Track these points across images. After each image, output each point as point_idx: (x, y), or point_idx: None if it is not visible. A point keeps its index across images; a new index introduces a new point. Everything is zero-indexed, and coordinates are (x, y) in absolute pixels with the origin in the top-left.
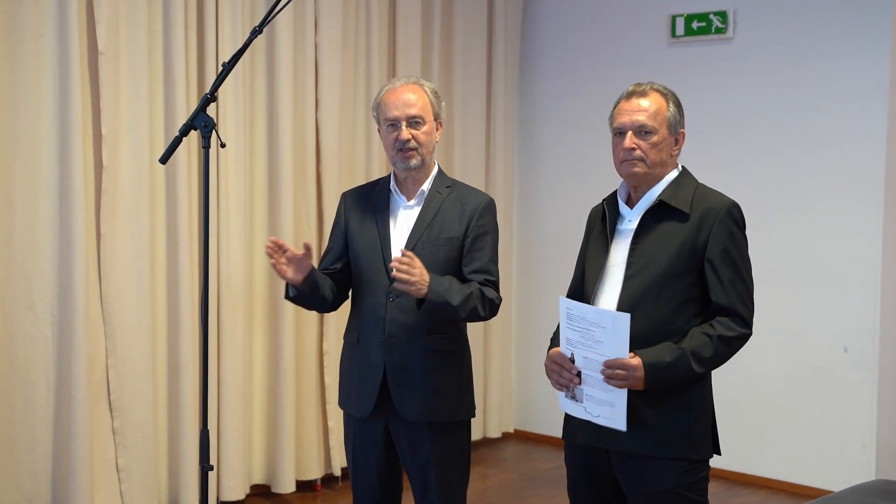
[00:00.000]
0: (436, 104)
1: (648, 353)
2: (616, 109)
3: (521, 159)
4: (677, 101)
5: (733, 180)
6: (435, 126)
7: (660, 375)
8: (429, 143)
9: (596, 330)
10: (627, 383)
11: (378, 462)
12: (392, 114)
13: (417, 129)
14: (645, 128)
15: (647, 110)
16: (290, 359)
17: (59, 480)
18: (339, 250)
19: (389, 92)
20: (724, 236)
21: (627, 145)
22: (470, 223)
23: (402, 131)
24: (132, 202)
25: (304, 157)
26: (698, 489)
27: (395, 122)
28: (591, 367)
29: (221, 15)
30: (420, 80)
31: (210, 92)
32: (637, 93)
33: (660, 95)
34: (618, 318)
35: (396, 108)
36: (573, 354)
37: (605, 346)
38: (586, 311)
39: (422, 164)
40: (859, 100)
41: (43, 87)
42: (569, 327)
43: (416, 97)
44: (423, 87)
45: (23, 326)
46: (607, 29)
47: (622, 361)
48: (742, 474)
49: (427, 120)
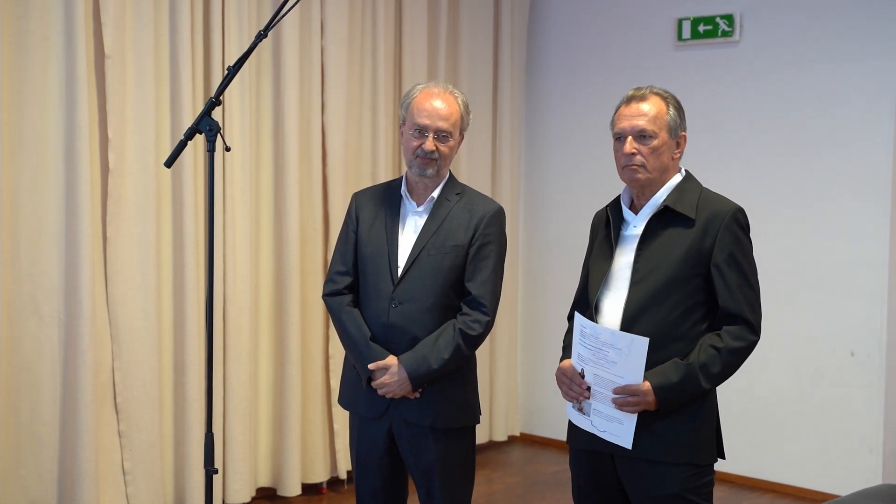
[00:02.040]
0: (465, 118)
1: (657, 375)
2: (616, 114)
3: (527, 163)
4: (678, 105)
5: (740, 183)
6: (459, 140)
7: (669, 396)
8: (450, 156)
9: (609, 351)
10: (639, 408)
11: (381, 465)
12: (422, 121)
13: (444, 144)
14: (645, 132)
15: (646, 115)
16: (295, 362)
17: (64, 483)
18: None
19: (423, 95)
20: (729, 241)
21: (627, 150)
22: (476, 231)
23: (427, 141)
24: (138, 205)
25: (310, 160)
26: (703, 493)
27: (423, 130)
28: (601, 384)
29: (228, 18)
30: (455, 91)
31: (215, 96)
32: (637, 97)
33: (660, 99)
34: (636, 341)
35: (428, 118)
36: (584, 370)
37: (620, 367)
38: (600, 332)
39: (437, 175)
40: (866, 103)
41: (49, 90)
42: (581, 344)
43: (449, 110)
44: (457, 99)
45: (29, 329)
46: (614, 32)
47: (632, 388)
48: (748, 478)
49: (454, 136)
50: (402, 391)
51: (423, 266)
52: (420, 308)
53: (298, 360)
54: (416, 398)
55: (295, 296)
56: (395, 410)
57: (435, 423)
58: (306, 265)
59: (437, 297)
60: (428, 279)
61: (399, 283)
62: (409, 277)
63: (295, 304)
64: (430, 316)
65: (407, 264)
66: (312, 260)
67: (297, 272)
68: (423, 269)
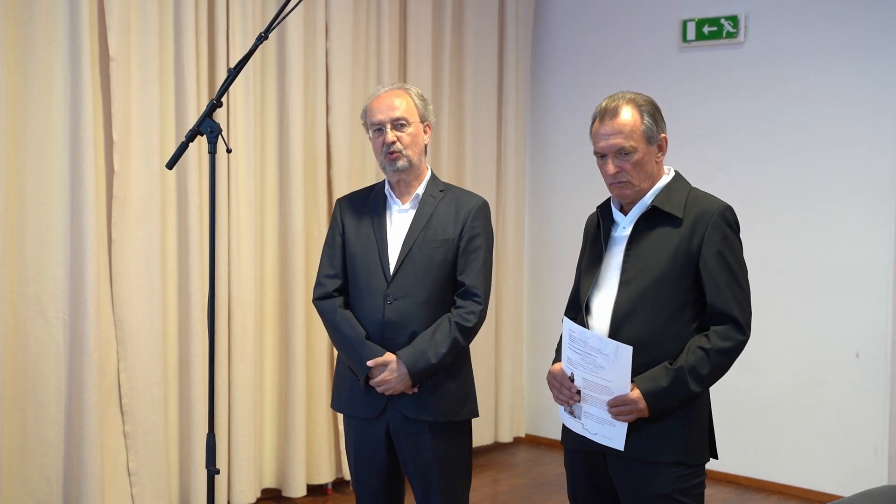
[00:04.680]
0: (421, 106)
1: (646, 381)
2: (592, 132)
3: (532, 165)
4: (652, 109)
5: (744, 185)
6: (422, 128)
7: (660, 402)
8: (414, 144)
9: (597, 356)
10: (633, 416)
11: (380, 466)
12: (377, 118)
13: (402, 132)
14: (623, 150)
15: (622, 131)
16: (300, 363)
17: (70, 484)
18: (343, 254)
19: (374, 99)
20: (717, 239)
21: (610, 171)
22: (465, 224)
23: (387, 134)
24: (143, 207)
25: (315, 162)
26: (694, 494)
27: (380, 126)
28: (591, 387)
29: (232, 21)
30: (404, 85)
31: (216, 97)
32: (609, 111)
33: (633, 108)
34: (620, 349)
35: (381, 113)
36: (573, 374)
37: (607, 371)
38: (588, 337)
39: (410, 166)
40: (871, 104)
41: (54, 92)
42: (570, 348)
43: (400, 101)
44: (407, 90)
45: (34, 331)
46: (618, 34)
47: (623, 398)
48: (753, 479)
49: (412, 122)
50: (402, 387)
51: (416, 261)
52: (415, 303)
53: (303, 362)
54: (414, 394)
55: (300, 297)
56: (394, 408)
57: (435, 418)
58: (311, 267)
59: (431, 290)
60: (421, 274)
61: (392, 279)
62: (402, 273)
63: (300, 305)
64: (425, 310)
65: (399, 260)
66: (317, 262)
67: (301, 273)
68: (415, 264)
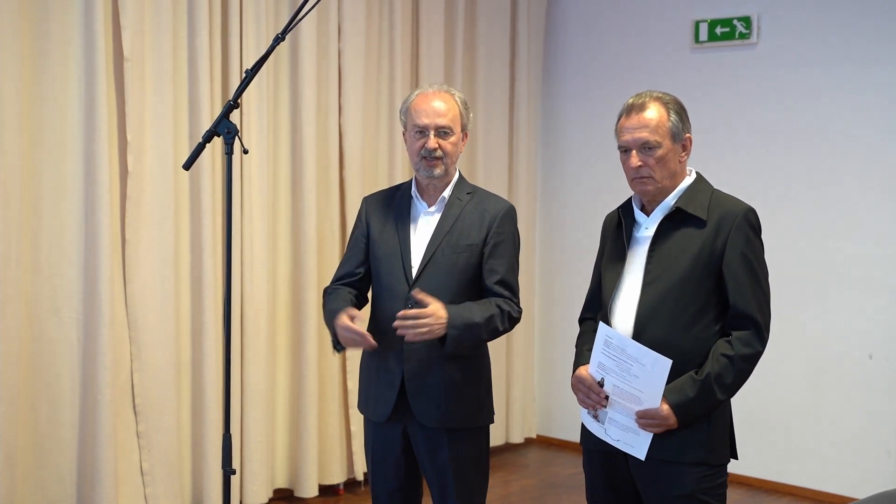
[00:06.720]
0: (465, 115)
1: (674, 393)
2: (618, 126)
3: (544, 165)
4: (679, 108)
5: (758, 185)
6: (461, 137)
7: (687, 413)
8: (454, 153)
9: (633, 364)
10: (661, 429)
11: (397, 467)
12: (421, 121)
13: (445, 140)
14: (648, 144)
15: (648, 125)
16: (312, 363)
17: (83, 484)
18: (362, 255)
19: (420, 98)
20: (741, 241)
21: (634, 164)
22: (490, 230)
23: (429, 140)
24: (157, 208)
25: (328, 163)
26: (717, 494)
27: (423, 129)
28: (620, 395)
29: (246, 21)
30: (451, 90)
31: (233, 98)
32: (636, 107)
33: (660, 105)
34: (659, 361)
35: (427, 116)
36: (603, 379)
37: (641, 381)
38: (627, 345)
39: (445, 174)
40: (886, 103)
41: (69, 93)
42: (604, 354)
43: (447, 107)
44: (454, 96)
45: (48, 331)
46: (631, 35)
47: (653, 412)
48: (766, 481)
49: (455, 131)
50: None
51: (439, 265)
52: None
53: (315, 362)
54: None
55: (312, 297)
56: (409, 412)
57: (450, 424)
58: (323, 267)
59: (453, 295)
60: (443, 278)
61: (415, 282)
62: (424, 277)
63: (312, 305)
64: None
65: (422, 264)
66: (329, 262)
67: (314, 274)
68: (438, 268)
